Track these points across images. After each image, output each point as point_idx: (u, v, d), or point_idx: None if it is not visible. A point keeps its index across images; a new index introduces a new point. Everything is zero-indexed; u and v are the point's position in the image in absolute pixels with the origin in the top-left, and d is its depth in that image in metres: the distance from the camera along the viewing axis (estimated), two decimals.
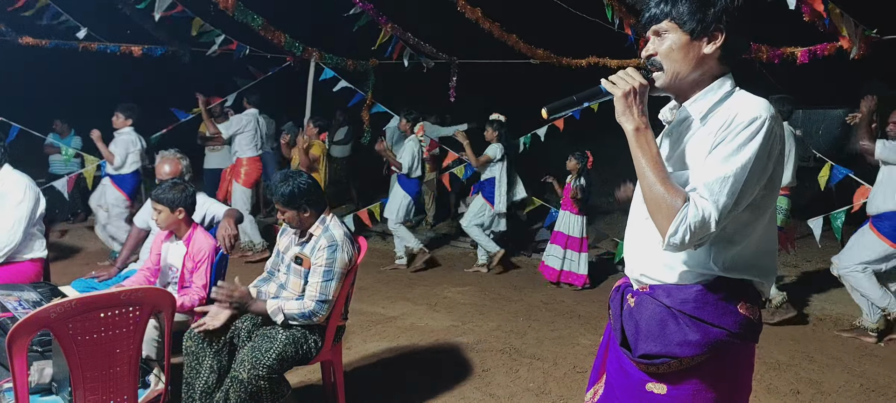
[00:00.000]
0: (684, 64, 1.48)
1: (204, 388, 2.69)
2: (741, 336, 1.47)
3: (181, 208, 3.10)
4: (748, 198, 1.40)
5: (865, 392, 3.73)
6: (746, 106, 1.42)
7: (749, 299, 1.49)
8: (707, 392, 1.48)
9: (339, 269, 2.77)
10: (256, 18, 6.18)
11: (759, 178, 1.40)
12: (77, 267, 5.70)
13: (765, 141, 1.38)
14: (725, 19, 1.44)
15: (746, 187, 1.38)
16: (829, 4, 3.98)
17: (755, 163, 1.38)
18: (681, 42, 1.47)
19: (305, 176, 2.86)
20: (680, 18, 1.46)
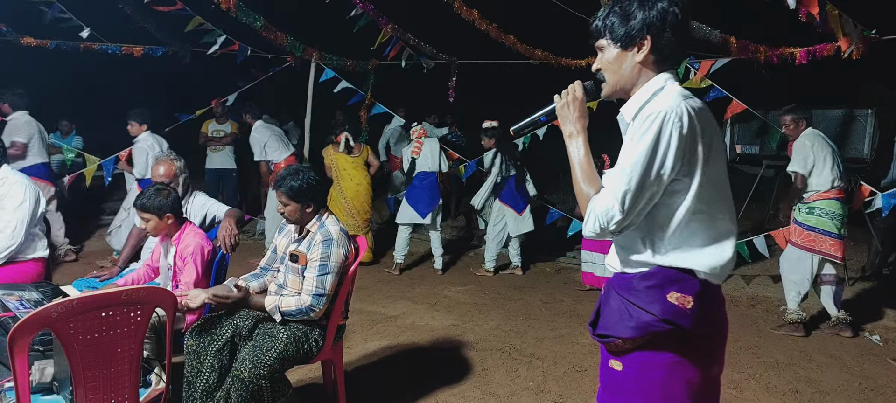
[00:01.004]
0: (620, 72, 1.66)
1: (205, 387, 2.70)
2: (670, 323, 1.57)
3: (169, 213, 3.08)
4: (652, 186, 1.52)
5: (864, 391, 3.73)
6: (657, 103, 1.57)
7: (684, 289, 1.58)
8: (653, 371, 1.61)
9: (334, 263, 2.78)
10: (258, 19, 6.19)
11: (658, 167, 1.51)
12: (78, 267, 5.71)
13: (658, 133, 1.50)
14: (647, 28, 1.59)
15: (644, 177, 1.51)
16: (826, 5, 3.99)
17: (648, 154, 1.50)
18: (614, 54, 1.66)
19: (314, 172, 2.89)
20: (612, 34, 1.64)
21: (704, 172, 1.55)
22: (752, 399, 3.58)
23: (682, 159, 1.52)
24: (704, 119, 1.57)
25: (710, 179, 1.57)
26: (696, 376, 1.63)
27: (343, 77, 7.02)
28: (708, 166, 1.56)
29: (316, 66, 7.19)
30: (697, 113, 1.55)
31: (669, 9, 1.58)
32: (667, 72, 1.65)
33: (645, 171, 1.51)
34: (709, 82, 5.53)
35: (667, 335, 1.58)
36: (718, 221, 1.61)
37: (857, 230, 7.15)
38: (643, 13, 1.59)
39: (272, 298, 2.78)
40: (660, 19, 1.58)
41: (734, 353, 4.22)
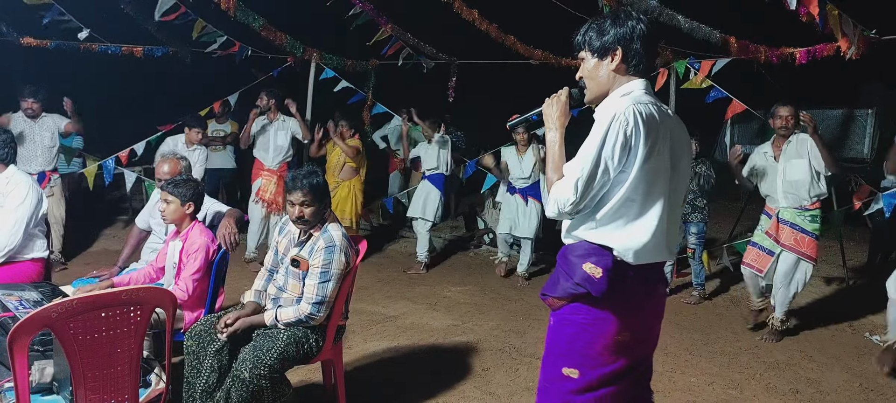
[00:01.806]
0: (598, 79, 1.93)
1: (205, 387, 2.70)
2: (582, 287, 1.87)
3: (191, 203, 3.17)
4: (602, 176, 1.80)
5: (864, 391, 3.73)
6: (613, 106, 1.84)
7: (597, 262, 1.86)
8: (567, 326, 1.94)
9: (336, 271, 2.77)
10: (257, 19, 6.19)
11: (605, 160, 1.78)
12: (78, 267, 5.71)
13: (606, 131, 1.78)
14: (618, 41, 1.86)
15: (594, 168, 1.78)
16: (826, 5, 3.99)
17: (598, 148, 1.78)
18: (593, 64, 1.94)
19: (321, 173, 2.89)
20: (590, 46, 1.93)
21: (642, 168, 1.80)
22: (752, 398, 3.57)
23: (625, 154, 1.78)
24: (652, 123, 1.81)
25: (646, 175, 1.81)
26: (602, 339, 1.90)
27: (343, 77, 7.03)
28: (647, 163, 1.80)
29: (316, 66, 7.19)
30: (645, 116, 1.79)
31: (637, 26, 1.86)
32: (638, 79, 1.90)
33: (595, 163, 1.78)
34: (709, 82, 5.53)
35: (581, 298, 1.89)
36: (646, 212, 1.85)
37: (858, 230, 7.16)
38: (615, 29, 1.87)
39: (270, 313, 2.77)
40: (629, 33, 1.86)
41: (734, 353, 4.22)
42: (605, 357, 1.91)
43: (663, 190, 1.86)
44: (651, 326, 2.03)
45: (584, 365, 1.91)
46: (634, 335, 1.93)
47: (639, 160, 1.79)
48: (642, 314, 1.97)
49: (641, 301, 1.95)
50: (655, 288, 2.00)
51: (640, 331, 1.97)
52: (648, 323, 2.01)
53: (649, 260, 1.90)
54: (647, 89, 1.91)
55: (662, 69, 5.90)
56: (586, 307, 1.89)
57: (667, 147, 1.86)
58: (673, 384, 3.71)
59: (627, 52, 1.87)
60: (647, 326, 2.01)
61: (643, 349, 2.02)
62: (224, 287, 3.44)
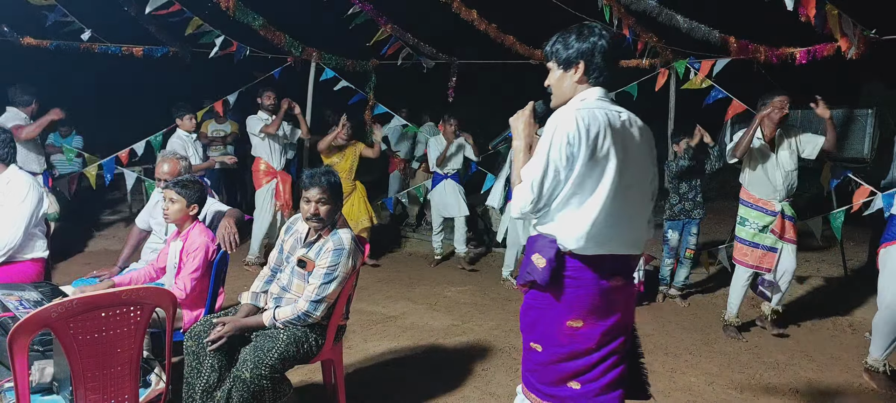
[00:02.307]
0: (562, 88, 2.11)
1: (205, 387, 2.70)
2: (531, 275, 2.06)
3: (195, 205, 3.19)
4: (553, 177, 1.96)
5: (865, 391, 3.73)
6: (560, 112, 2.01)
7: (542, 252, 2.05)
8: (530, 310, 2.15)
9: (341, 274, 2.77)
10: (256, 18, 6.19)
11: (553, 162, 1.95)
12: (78, 267, 5.71)
13: (552, 136, 1.96)
14: (581, 55, 2.04)
15: (546, 169, 1.96)
16: (825, 5, 3.99)
17: (546, 151, 1.96)
18: (558, 75, 2.11)
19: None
20: (556, 58, 2.10)
21: (585, 166, 1.96)
22: (753, 399, 3.57)
23: (569, 156, 1.95)
24: (595, 126, 1.96)
25: (589, 172, 1.97)
26: (555, 323, 2.08)
27: (343, 77, 7.02)
28: (589, 162, 1.96)
29: (316, 66, 7.19)
30: (586, 121, 1.95)
31: (598, 42, 2.04)
32: (597, 88, 2.08)
33: (545, 166, 1.96)
34: (709, 83, 5.53)
35: (535, 285, 2.08)
36: (588, 205, 1.99)
37: (857, 230, 7.15)
38: (578, 44, 2.05)
39: (268, 313, 2.76)
40: (590, 49, 2.03)
41: (734, 353, 4.22)
42: (562, 339, 2.08)
43: (610, 186, 1.98)
44: (615, 317, 2.10)
45: (546, 343, 2.12)
46: (591, 324, 2.06)
47: (581, 159, 1.95)
48: (598, 304, 2.06)
49: (593, 291, 2.05)
50: (613, 281, 2.08)
51: (599, 321, 2.07)
52: (609, 314, 2.09)
53: (598, 252, 2.02)
54: (603, 96, 2.08)
55: (663, 69, 5.90)
56: (540, 294, 2.10)
57: (614, 147, 1.98)
58: (673, 384, 3.71)
59: (589, 65, 2.05)
60: (608, 317, 2.08)
61: (610, 338, 2.10)
62: (224, 287, 3.43)
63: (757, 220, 4.41)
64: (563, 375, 2.10)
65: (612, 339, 2.11)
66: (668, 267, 5.36)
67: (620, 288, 2.10)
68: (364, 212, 6.27)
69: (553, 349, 2.09)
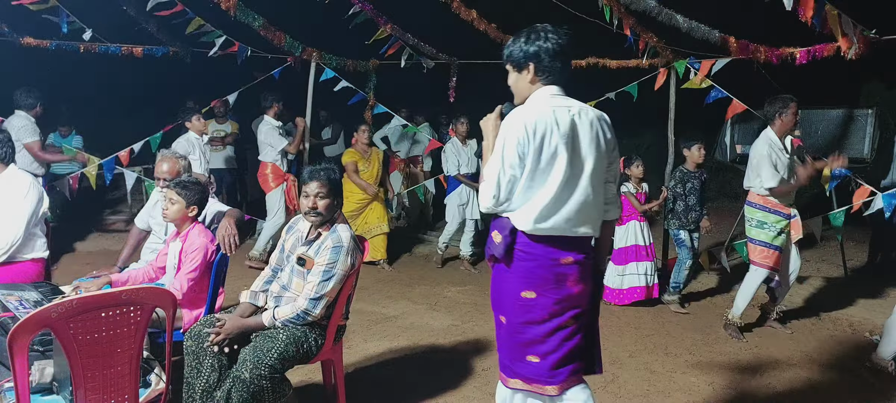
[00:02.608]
0: (518, 87, 2.32)
1: (205, 388, 2.70)
2: (492, 251, 2.31)
3: (195, 206, 3.20)
4: (511, 174, 2.17)
5: (864, 391, 3.73)
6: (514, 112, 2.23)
7: (500, 230, 2.27)
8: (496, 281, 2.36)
9: (340, 271, 2.77)
10: (257, 18, 6.19)
11: (509, 157, 2.16)
12: (78, 267, 5.71)
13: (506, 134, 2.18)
14: (530, 57, 2.23)
15: (504, 164, 2.17)
16: (825, 5, 3.99)
17: (502, 148, 2.18)
18: (514, 76, 2.32)
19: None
20: (511, 61, 2.30)
21: (534, 162, 2.16)
22: (753, 399, 3.58)
23: (520, 155, 2.16)
24: (542, 123, 2.15)
25: (540, 167, 2.17)
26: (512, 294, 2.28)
27: (343, 77, 7.02)
28: (539, 158, 2.16)
29: (316, 66, 7.19)
30: (533, 121, 2.15)
31: (544, 45, 2.21)
32: (551, 86, 2.26)
33: (503, 160, 2.17)
34: (709, 82, 5.53)
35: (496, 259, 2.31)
36: (539, 192, 2.19)
37: (857, 230, 7.16)
38: (526, 47, 2.24)
39: (268, 313, 2.76)
40: (536, 51, 2.22)
41: (734, 353, 4.22)
42: (518, 309, 2.27)
43: (560, 176, 2.18)
44: (569, 291, 2.27)
45: (507, 313, 2.32)
46: (542, 294, 2.24)
47: (531, 157, 2.16)
48: (548, 277, 2.24)
49: (544, 266, 2.24)
50: (562, 258, 2.25)
51: (550, 292, 2.24)
52: (561, 287, 2.26)
53: (551, 233, 2.22)
54: (556, 94, 2.25)
55: (662, 69, 5.90)
56: (501, 267, 2.32)
57: (562, 142, 2.17)
58: (673, 384, 3.71)
59: (538, 66, 2.24)
60: (559, 289, 2.25)
61: (561, 310, 2.26)
62: (224, 287, 3.43)
63: (775, 224, 4.42)
64: (522, 345, 2.28)
65: (564, 311, 2.26)
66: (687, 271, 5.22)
67: (573, 264, 2.26)
68: (384, 217, 6.32)
69: (513, 318, 2.29)
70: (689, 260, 5.17)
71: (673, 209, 5.19)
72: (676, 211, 5.18)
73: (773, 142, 4.38)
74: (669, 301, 5.21)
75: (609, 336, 4.51)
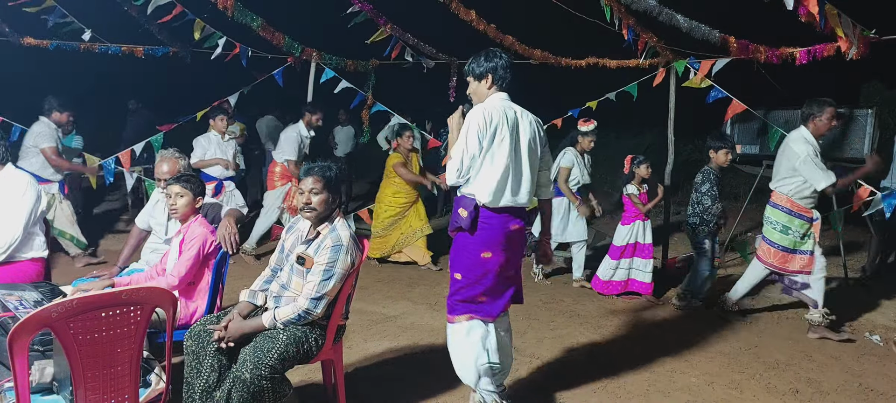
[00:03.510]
0: (478, 94, 3.04)
1: (204, 387, 2.70)
2: (458, 223, 2.95)
3: (200, 197, 3.32)
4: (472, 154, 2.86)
5: (864, 391, 3.73)
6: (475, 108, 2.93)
7: (465, 207, 2.93)
8: (458, 246, 3.01)
9: (339, 270, 2.77)
10: (255, 19, 6.19)
11: (471, 143, 2.85)
12: (78, 267, 5.71)
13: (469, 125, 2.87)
14: (488, 70, 2.98)
15: (465, 150, 2.85)
16: (825, 5, 3.99)
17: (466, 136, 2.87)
18: (475, 85, 3.04)
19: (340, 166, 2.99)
20: (473, 74, 3.04)
21: (489, 146, 2.86)
22: (752, 399, 3.58)
23: (480, 138, 2.84)
24: (495, 117, 2.87)
25: (493, 150, 2.87)
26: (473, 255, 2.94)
27: (343, 77, 7.03)
28: (493, 145, 2.87)
29: (316, 67, 7.19)
30: (489, 115, 2.87)
31: (499, 62, 2.98)
32: (502, 92, 3.00)
33: (466, 145, 2.86)
34: (709, 82, 5.53)
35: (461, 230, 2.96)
36: (492, 172, 2.87)
37: (857, 230, 7.16)
38: (487, 63, 2.99)
39: (268, 314, 2.76)
40: (494, 66, 2.98)
41: (734, 353, 4.22)
42: (477, 266, 2.95)
43: (506, 159, 2.88)
44: (511, 249, 3.00)
45: (465, 271, 2.97)
46: (495, 254, 2.94)
47: (487, 141, 2.85)
48: (502, 241, 2.95)
49: (499, 232, 2.94)
50: (511, 225, 2.97)
51: (501, 252, 2.95)
52: (507, 248, 2.98)
53: (501, 205, 2.91)
54: (505, 98, 2.99)
55: (662, 69, 5.91)
56: (465, 235, 2.97)
57: (509, 133, 2.89)
58: (673, 384, 3.71)
59: (494, 76, 2.98)
60: (507, 249, 2.98)
61: (507, 264, 3.00)
62: (224, 286, 3.44)
63: (799, 228, 4.42)
64: (477, 293, 2.98)
65: (509, 264, 3.02)
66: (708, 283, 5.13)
67: (518, 230, 3.01)
68: (426, 219, 6.32)
69: (471, 274, 2.96)
70: (707, 272, 5.03)
71: (702, 216, 4.95)
72: (706, 219, 4.94)
73: (811, 142, 4.33)
74: (680, 306, 5.13)
75: (609, 336, 4.51)
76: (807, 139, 4.36)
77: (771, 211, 4.57)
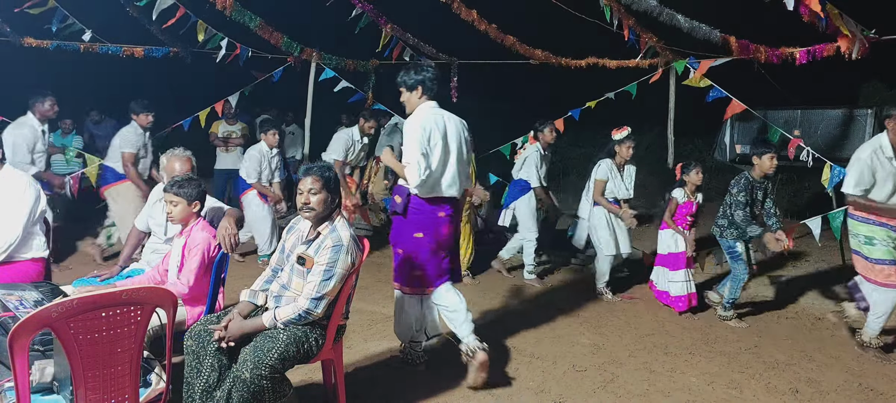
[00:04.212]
0: (411, 103, 3.52)
1: (204, 387, 2.70)
2: (393, 209, 3.52)
3: (196, 201, 3.24)
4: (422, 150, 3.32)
5: (864, 391, 3.73)
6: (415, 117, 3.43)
7: (400, 194, 3.49)
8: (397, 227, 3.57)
9: (340, 270, 2.77)
10: (253, 18, 6.19)
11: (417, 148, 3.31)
12: (78, 267, 5.71)
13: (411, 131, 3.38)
14: (418, 82, 3.46)
15: (416, 153, 3.31)
16: (826, 5, 3.99)
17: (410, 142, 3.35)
18: (407, 95, 3.52)
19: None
20: (405, 86, 3.51)
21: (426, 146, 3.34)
22: (753, 399, 3.58)
23: (420, 145, 3.31)
24: (430, 123, 3.38)
25: (429, 155, 3.36)
26: (407, 235, 3.50)
27: (343, 77, 7.03)
28: (427, 143, 3.35)
29: (316, 66, 7.19)
30: (428, 122, 3.38)
31: (427, 74, 3.46)
32: (432, 101, 3.49)
33: (413, 150, 3.32)
34: (708, 82, 5.54)
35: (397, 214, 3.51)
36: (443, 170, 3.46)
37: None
38: (416, 76, 3.46)
39: (269, 314, 2.76)
40: (422, 78, 3.46)
41: (734, 353, 4.22)
42: (411, 244, 3.49)
43: (440, 157, 3.41)
44: (442, 232, 3.52)
45: (404, 247, 3.52)
46: (428, 235, 3.47)
47: (425, 144, 3.33)
48: (433, 225, 3.48)
49: (430, 217, 3.47)
50: (439, 212, 3.49)
51: (433, 234, 3.48)
52: (439, 231, 3.50)
53: (433, 195, 3.45)
54: (434, 105, 3.49)
55: (661, 68, 5.91)
56: (400, 219, 3.51)
57: (440, 135, 3.40)
58: (673, 384, 3.71)
59: (424, 87, 3.47)
60: (439, 232, 3.50)
61: (438, 246, 3.52)
62: (224, 287, 3.44)
63: (885, 238, 4.09)
64: (413, 268, 3.49)
65: (441, 247, 3.53)
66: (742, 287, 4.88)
67: (447, 216, 3.52)
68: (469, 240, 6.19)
69: (407, 250, 3.50)
70: (746, 276, 4.78)
71: (731, 219, 4.74)
72: (735, 222, 4.70)
73: (878, 147, 4.08)
74: (725, 317, 4.85)
75: (609, 335, 4.51)
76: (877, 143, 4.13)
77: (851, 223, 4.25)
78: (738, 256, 4.76)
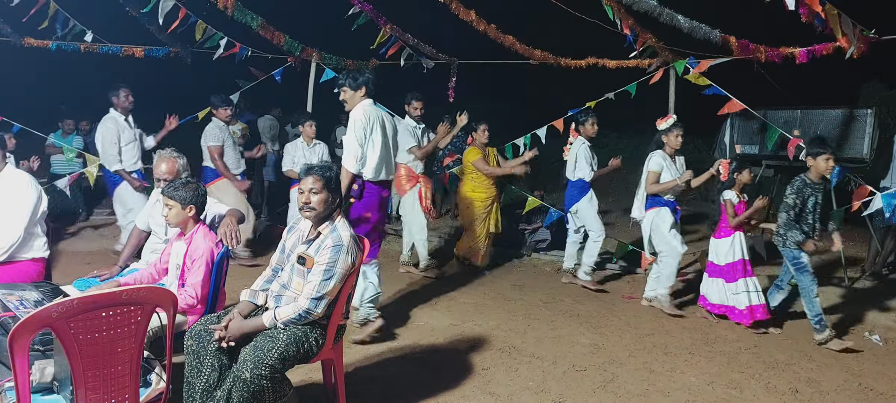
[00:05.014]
0: (353, 100, 4.07)
1: (205, 387, 2.70)
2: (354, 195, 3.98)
3: (192, 205, 3.18)
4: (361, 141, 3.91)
5: (864, 391, 3.74)
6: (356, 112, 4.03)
7: (356, 183, 3.97)
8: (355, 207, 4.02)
9: (340, 270, 2.77)
10: (255, 18, 6.19)
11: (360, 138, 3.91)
12: (78, 267, 5.71)
13: (354, 123, 3.95)
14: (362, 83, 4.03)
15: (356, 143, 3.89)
16: (826, 5, 3.99)
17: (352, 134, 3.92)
18: (350, 93, 4.07)
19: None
20: (349, 85, 4.05)
21: (370, 138, 3.98)
22: (753, 399, 3.58)
23: (364, 132, 3.94)
24: (368, 117, 3.97)
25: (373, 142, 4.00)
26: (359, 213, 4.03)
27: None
28: (372, 136, 3.99)
29: (316, 66, 7.19)
30: (366, 115, 3.97)
31: (369, 77, 4.06)
32: (369, 99, 4.06)
33: (356, 138, 3.88)
34: (707, 82, 5.54)
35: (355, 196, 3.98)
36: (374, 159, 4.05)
37: (857, 230, 7.16)
38: (360, 78, 4.04)
39: (269, 314, 2.76)
40: (365, 80, 4.04)
41: (734, 353, 4.23)
42: (363, 221, 4.04)
43: (379, 144, 4.03)
44: (382, 210, 4.19)
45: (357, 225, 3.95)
46: (373, 214, 4.10)
47: (368, 133, 3.96)
48: (376, 204, 4.11)
49: (376, 198, 4.11)
50: (383, 193, 4.16)
51: (376, 212, 4.12)
52: (380, 211, 4.15)
53: (375, 179, 4.07)
54: (372, 103, 4.07)
55: (660, 68, 5.91)
56: (356, 201, 4.01)
57: (378, 127, 4.02)
58: (673, 383, 3.71)
59: (367, 88, 4.05)
60: (380, 210, 4.15)
61: (379, 222, 4.20)
62: (224, 287, 3.43)
63: None
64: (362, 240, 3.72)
65: (379, 222, 4.20)
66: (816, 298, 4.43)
67: (386, 197, 4.24)
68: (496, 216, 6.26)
69: (361, 230, 3.94)
70: (815, 286, 4.38)
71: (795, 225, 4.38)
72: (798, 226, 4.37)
73: None
74: (822, 340, 4.36)
75: (609, 335, 4.51)
76: None
77: None
78: (803, 267, 4.37)
